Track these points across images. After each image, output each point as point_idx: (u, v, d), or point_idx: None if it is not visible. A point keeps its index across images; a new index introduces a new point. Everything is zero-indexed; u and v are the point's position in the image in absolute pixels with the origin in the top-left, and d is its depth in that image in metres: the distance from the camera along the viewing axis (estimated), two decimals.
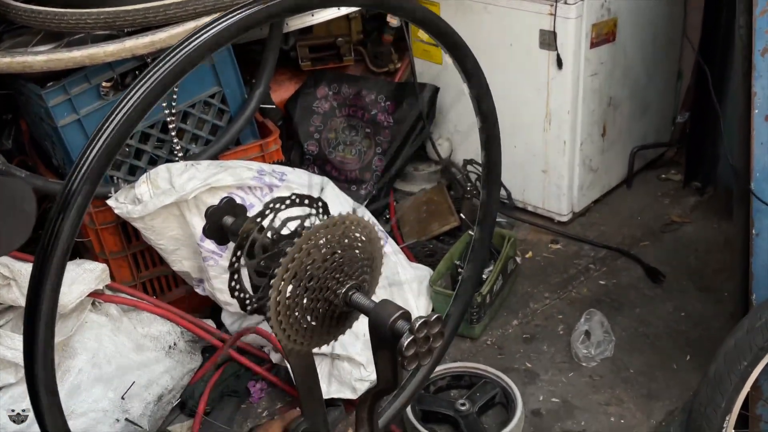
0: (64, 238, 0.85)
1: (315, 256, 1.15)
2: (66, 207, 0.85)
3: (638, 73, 2.78)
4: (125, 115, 0.85)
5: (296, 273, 1.13)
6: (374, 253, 1.28)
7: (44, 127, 2.08)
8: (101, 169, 0.85)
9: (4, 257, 1.86)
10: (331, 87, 2.87)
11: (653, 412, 1.95)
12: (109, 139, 0.85)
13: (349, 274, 1.22)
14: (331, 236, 1.17)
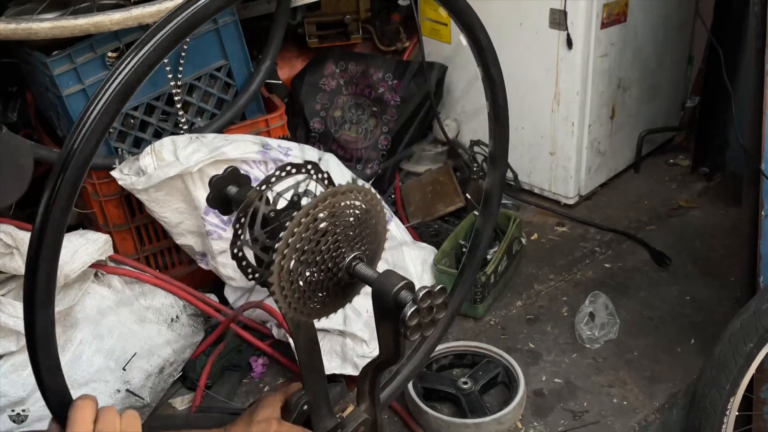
0: (66, 188, 0.83)
1: (318, 226, 1.13)
2: (69, 161, 0.83)
3: (648, 55, 2.75)
4: (133, 68, 0.84)
5: (299, 243, 1.12)
6: (378, 223, 1.27)
7: (49, 96, 2.07)
8: (107, 121, 0.83)
9: (7, 226, 1.85)
10: (338, 65, 2.85)
11: (656, 395, 1.94)
12: (119, 88, 0.83)
13: (352, 244, 1.20)
14: (334, 206, 1.16)
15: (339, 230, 1.17)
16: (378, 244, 1.29)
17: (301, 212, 1.12)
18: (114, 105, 0.84)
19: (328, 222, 1.15)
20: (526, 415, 1.89)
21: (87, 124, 0.83)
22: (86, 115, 0.84)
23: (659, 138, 3.04)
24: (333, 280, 1.20)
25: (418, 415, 1.87)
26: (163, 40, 0.86)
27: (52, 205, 0.85)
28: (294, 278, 1.15)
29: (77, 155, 0.83)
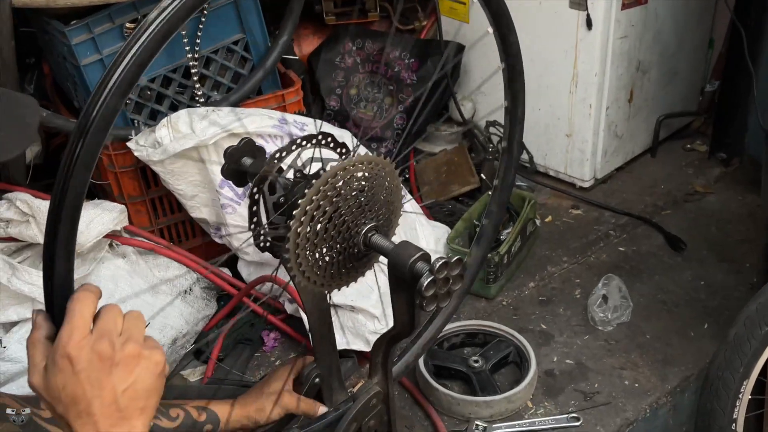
0: (86, 154, 0.83)
1: (334, 196, 1.13)
2: (89, 125, 0.83)
3: (669, 38, 2.72)
4: (154, 30, 0.83)
5: (315, 213, 1.12)
6: (394, 196, 1.26)
7: (67, 66, 2.07)
8: (128, 84, 0.83)
9: (23, 195, 1.86)
10: (355, 42, 2.83)
11: (668, 378, 1.93)
12: (140, 51, 0.83)
13: (368, 215, 1.20)
14: (352, 176, 1.15)
15: (356, 200, 1.16)
16: (393, 216, 1.29)
17: (319, 180, 1.11)
18: (139, 62, 0.84)
19: (346, 191, 1.14)
20: (536, 394, 1.89)
21: (112, 81, 0.83)
22: (113, 68, 0.84)
23: (677, 122, 3.01)
24: (348, 250, 1.20)
25: (429, 392, 1.87)
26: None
27: (72, 167, 0.85)
28: (310, 247, 1.15)
29: (102, 110, 0.83)
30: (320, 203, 1.10)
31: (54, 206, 0.86)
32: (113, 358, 0.85)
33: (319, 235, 1.14)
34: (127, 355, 0.86)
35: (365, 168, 1.16)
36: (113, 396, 0.85)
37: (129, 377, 0.86)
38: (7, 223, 1.84)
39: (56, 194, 0.85)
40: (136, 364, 0.87)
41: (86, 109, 0.84)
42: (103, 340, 0.85)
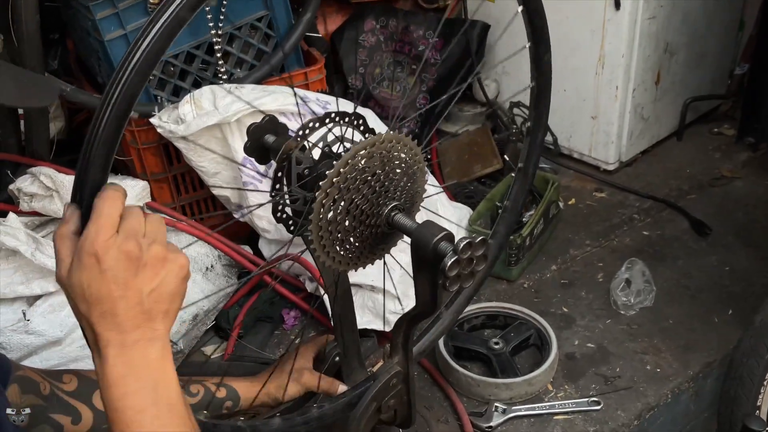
0: (114, 116, 0.83)
1: (358, 175, 1.12)
2: (116, 91, 0.83)
3: (698, 19, 2.67)
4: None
5: (338, 192, 1.11)
6: (418, 176, 1.25)
7: (90, 42, 2.07)
8: (157, 53, 0.82)
9: (47, 169, 1.87)
10: (378, 20, 2.81)
11: (690, 363, 1.91)
12: (169, 20, 0.82)
13: (391, 194, 1.19)
14: (374, 155, 1.14)
15: (380, 179, 1.15)
16: (416, 196, 1.28)
17: (345, 155, 1.10)
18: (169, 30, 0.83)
19: (370, 169, 1.13)
20: (557, 377, 1.87)
21: (144, 44, 0.83)
22: (145, 32, 0.83)
23: (704, 106, 2.96)
24: (371, 229, 1.19)
25: (448, 373, 1.87)
26: None
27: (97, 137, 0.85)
28: (333, 225, 1.14)
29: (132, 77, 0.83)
30: (346, 178, 1.09)
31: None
32: (140, 259, 0.85)
33: (342, 213, 1.13)
34: (153, 257, 0.86)
35: (390, 146, 1.15)
36: (138, 297, 0.85)
37: (155, 279, 0.86)
38: (31, 197, 1.85)
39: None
40: (161, 267, 0.87)
41: (114, 78, 0.84)
42: (130, 240, 0.84)
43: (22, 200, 1.86)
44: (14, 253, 1.74)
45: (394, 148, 1.17)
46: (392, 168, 1.17)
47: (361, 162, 1.11)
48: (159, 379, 0.88)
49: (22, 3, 1.77)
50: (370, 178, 1.13)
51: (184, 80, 2.08)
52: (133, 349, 0.86)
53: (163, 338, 0.89)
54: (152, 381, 0.87)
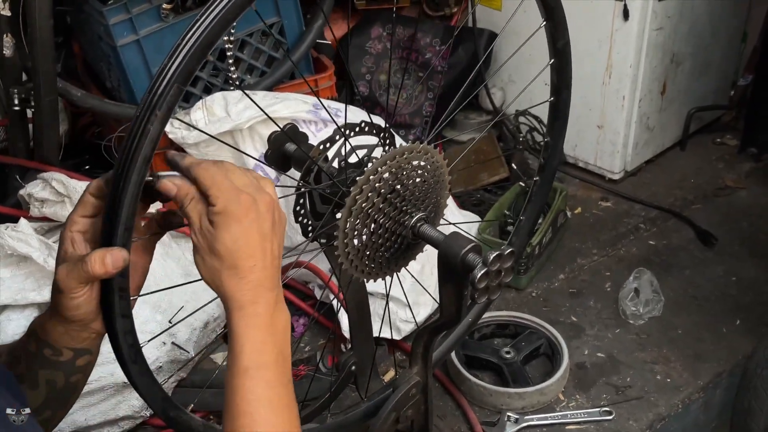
0: (150, 139, 0.82)
1: (388, 182, 1.12)
2: (154, 106, 0.82)
3: (703, 30, 2.68)
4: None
5: (365, 202, 1.11)
6: (442, 186, 1.25)
7: (102, 47, 2.06)
8: (194, 64, 0.82)
9: (59, 175, 1.85)
10: (385, 28, 2.81)
11: (700, 373, 1.91)
12: (206, 33, 0.82)
13: (417, 204, 1.19)
14: (400, 166, 1.14)
15: (406, 189, 1.15)
16: (440, 205, 1.28)
17: (370, 169, 1.10)
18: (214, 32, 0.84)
19: (397, 180, 1.13)
20: (568, 387, 1.88)
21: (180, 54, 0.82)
22: (180, 45, 0.83)
23: (707, 116, 2.98)
24: (396, 239, 1.19)
25: (460, 382, 1.87)
26: None
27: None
28: (359, 235, 1.14)
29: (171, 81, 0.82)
30: (375, 187, 1.09)
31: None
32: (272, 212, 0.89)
33: (369, 221, 1.13)
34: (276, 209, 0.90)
35: (419, 157, 1.15)
36: (273, 250, 0.89)
37: (281, 232, 0.91)
38: (42, 202, 1.84)
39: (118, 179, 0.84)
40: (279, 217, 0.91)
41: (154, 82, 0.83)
42: (259, 192, 0.89)
43: (32, 205, 1.85)
44: (26, 259, 1.72)
45: (421, 159, 1.16)
46: (419, 178, 1.17)
47: (388, 172, 1.11)
48: (287, 354, 0.92)
49: (36, 8, 1.76)
50: (399, 187, 1.13)
51: (195, 86, 2.08)
52: (274, 313, 0.90)
53: (286, 305, 0.93)
54: (284, 355, 0.91)
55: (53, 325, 0.94)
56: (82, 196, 0.93)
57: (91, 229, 0.93)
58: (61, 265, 0.90)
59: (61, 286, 0.89)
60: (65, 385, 0.99)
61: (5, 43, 1.91)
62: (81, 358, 0.98)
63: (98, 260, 0.86)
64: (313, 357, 1.97)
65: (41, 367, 0.97)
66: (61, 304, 0.90)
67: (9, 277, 1.73)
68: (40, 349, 0.96)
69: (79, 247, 0.92)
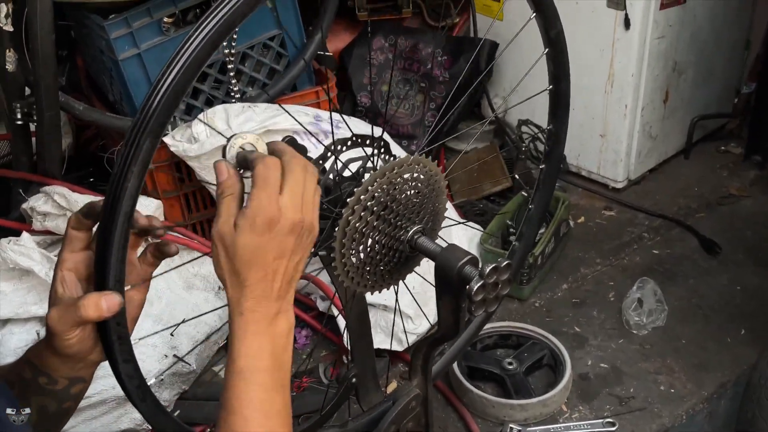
0: (143, 155, 0.83)
1: (382, 197, 1.12)
2: (146, 123, 0.83)
3: (706, 38, 2.68)
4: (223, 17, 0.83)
5: (362, 214, 1.11)
6: (439, 198, 1.25)
7: (104, 60, 2.07)
8: (186, 83, 0.83)
9: (61, 188, 1.86)
10: (387, 39, 2.82)
11: (704, 384, 1.90)
12: (197, 51, 0.82)
13: (415, 216, 1.19)
14: (398, 178, 1.14)
15: (402, 202, 1.15)
16: (438, 218, 1.28)
17: (365, 183, 1.10)
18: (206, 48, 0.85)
19: (392, 193, 1.13)
20: (571, 398, 1.87)
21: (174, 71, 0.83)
22: (176, 58, 0.84)
23: (711, 124, 2.97)
24: (393, 252, 1.19)
25: (462, 394, 1.86)
26: None
27: (129, 164, 0.84)
28: (356, 249, 1.14)
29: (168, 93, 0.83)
30: (370, 201, 1.09)
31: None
32: (300, 230, 0.89)
33: (366, 235, 1.13)
34: (307, 228, 0.90)
35: (414, 170, 1.15)
36: (288, 266, 0.90)
37: (304, 250, 0.92)
38: (44, 216, 1.85)
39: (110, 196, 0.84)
40: (309, 238, 0.91)
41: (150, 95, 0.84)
42: (297, 210, 0.88)
43: (35, 219, 1.86)
44: (28, 273, 1.73)
45: (417, 171, 1.16)
46: (414, 191, 1.17)
47: (387, 183, 1.11)
48: (285, 360, 0.92)
49: (38, 22, 1.77)
50: (392, 202, 1.13)
51: (196, 99, 2.09)
52: (273, 322, 0.90)
53: (292, 313, 0.94)
54: (281, 360, 0.92)
55: (49, 355, 0.94)
56: (66, 232, 0.94)
57: (82, 264, 0.94)
58: (52, 307, 0.90)
59: (53, 329, 0.89)
60: (57, 411, 0.99)
61: (8, 58, 1.92)
62: (75, 386, 0.98)
63: (92, 305, 0.86)
64: (315, 369, 1.97)
65: (35, 394, 0.97)
66: (54, 343, 0.91)
67: (11, 291, 1.74)
68: (35, 377, 0.96)
69: (70, 288, 0.92)
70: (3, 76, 1.97)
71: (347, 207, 1.07)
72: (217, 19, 0.85)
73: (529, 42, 1.38)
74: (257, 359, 0.89)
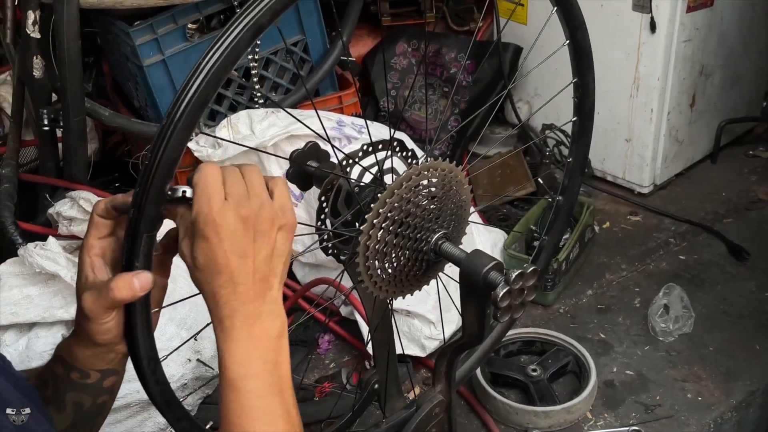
0: (168, 155, 0.83)
1: (408, 201, 1.11)
2: (176, 122, 0.83)
3: (734, 41, 2.65)
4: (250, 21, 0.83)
5: (387, 218, 1.10)
6: (463, 203, 1.24)
7: (129, 66, 2.09)
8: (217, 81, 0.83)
9: (86, 193, 1.88)
10: (410, 43, 2.82)
11: (733, 392, 1.87)
12: (223, 57, 0.82)
13: (438, 222, 1.18)
14: (422, 183, 1.14)
15: (426, 207, 1.15)
16: (462, 223, 1.27)
17: (390, 187, 1.10)
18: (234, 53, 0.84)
19: (416, 198, 1.13)
20: (596, 405, 1.85)
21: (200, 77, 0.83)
22: (200, 66, 0.83)
23: (739, 128, 2.93)
24: (417, 257, 1.18)
25: (486, 400, 1.84)
26: None
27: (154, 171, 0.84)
28: (380, 254, 1.13)
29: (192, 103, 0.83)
30: (395, 205, 1.09)
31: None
32: (255, 223, 0.85)
33: (389, 240, 1.12)
34: (265, 219, 0.86)
35: (438, 175, 1.14)
36: (255, 264, 0.86)
37: (269, 243, 0.87)
38: (70, 221, 1.86)
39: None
40: (273, 229, 0.87)
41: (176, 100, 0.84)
42: (242, 205, 0.85)
43: (61, 224, 1.88)
44: (53, 278, 1.74)
45: (440, 176, 1.16)
46: (440, 195, 1.16)
47: (410, 190, 1.10)
48: (279, 362, 0.90)
49: (64, 30, 1.79)
50: (407, 217, 1.12)
51: (220, 104, 2.10)
52: (256, 325, 0.87)
53: (281, 312, 0.90)
54: (273, 363, 0.89)
55: (79, 348, 0.94)
56: (91, 219, 0.94)
57: (108, 249, 0.94)
58: (85, 292, 0.90)
59: (89, 314, 0.89)
60: (92, 407, 1.00)
61: (35, 65, 1.94)
62: (108, 379, 0.98)
63: (125, 285, 0.86)
64: (337, 374, 1.97)
65: (69, 390, 0.97)
66: (89, 330, 0.91)
67: (37, 295, 1.75)
68: (67, 372, 0.97)
69: (99, 272, 0.92)
70: (30, 83, 2.00)
71: (363, 233, 1.07)
72: (249, 20, 0.84)
73: (554, 45, 1.37)
74: (245, 366, 0.87)
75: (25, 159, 2.41)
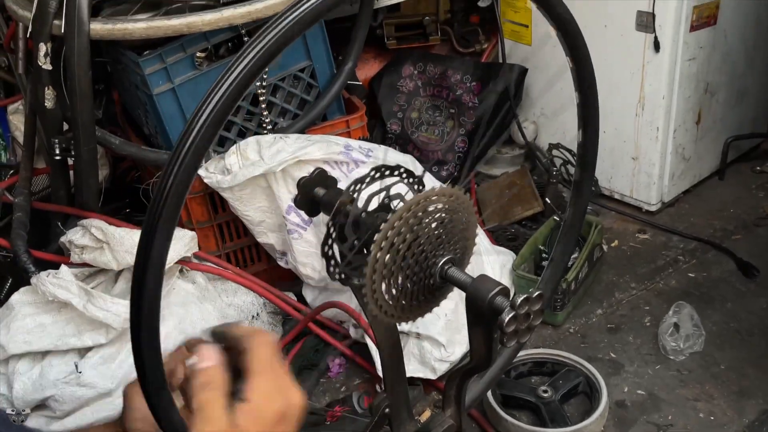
0: (178, 186, 0.84)
1: (414, 226, 1.13)
2: (184, 156, 0.84)
3: (738, 59, 2.66)
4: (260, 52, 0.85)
5: (394, 243, 1.11)
6: (469, 227, 1.25)
7: (139, 95, 2.12)
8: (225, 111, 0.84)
9: (98, 221, 1.90)
10: (416, 66, 2.84)
11: (745, 411, 1.86)
12: (232, 88, 0.84)
13: (444, 247, 1.19)
14: (430, 207, 1.15)
15: (433, 233, 1.16)
16: (468, 247, 1.28)
17: (396, 213, 1.11)
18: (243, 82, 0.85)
19: (422, 224, 1.14)
20: (608, 426, 1.84)
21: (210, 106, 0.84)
22: (210, 96, 0.84)
23: (745, 144, 2.94)
24: (424, 282, 1.19)
25: (497, 422, 1.84)
26: (294, 24, 0.87)
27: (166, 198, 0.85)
28: (386, 280, 1.14)
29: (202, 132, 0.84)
30: (401, 231, 1.10)
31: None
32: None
33: (396, 266, 1.13)
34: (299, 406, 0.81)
35: (444, 200, 1.16)
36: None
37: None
38: (82, 249, 1.89)
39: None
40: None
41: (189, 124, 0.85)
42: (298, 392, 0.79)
43: (73, 252, 1.90)
44: (66, 306, 1.76)
45: (445, 201, 1.17)
46: (447, 220, 1.17)
47: (416, 215, 1.11)
48: None
49: (75, 62, 1.82)
50: (425, 231, 1.13)
51: (229, 131, 2.12)
52: None
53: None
54: None
55: None
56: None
57: None
58: None
59: None
60: None
61: (47, 96, 1.97)
62: None
63: None
64: (348, 398, 1.97)
65: None
66: None
67: (50, 323, 1.77)
68: None
69: None
70: (42, 113, 2.03)
71: (366, 277, 1.08)
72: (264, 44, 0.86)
73: (558, 66, 1.38)
74: None
75: (36, 187, 2.45)
